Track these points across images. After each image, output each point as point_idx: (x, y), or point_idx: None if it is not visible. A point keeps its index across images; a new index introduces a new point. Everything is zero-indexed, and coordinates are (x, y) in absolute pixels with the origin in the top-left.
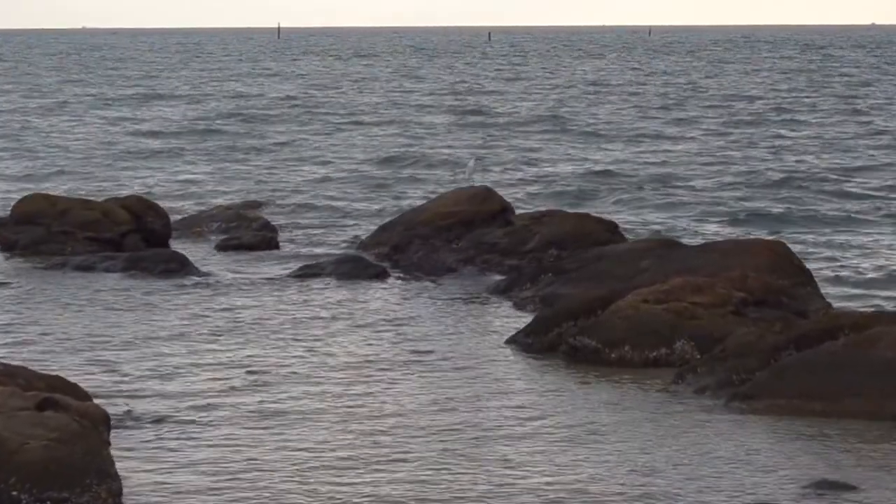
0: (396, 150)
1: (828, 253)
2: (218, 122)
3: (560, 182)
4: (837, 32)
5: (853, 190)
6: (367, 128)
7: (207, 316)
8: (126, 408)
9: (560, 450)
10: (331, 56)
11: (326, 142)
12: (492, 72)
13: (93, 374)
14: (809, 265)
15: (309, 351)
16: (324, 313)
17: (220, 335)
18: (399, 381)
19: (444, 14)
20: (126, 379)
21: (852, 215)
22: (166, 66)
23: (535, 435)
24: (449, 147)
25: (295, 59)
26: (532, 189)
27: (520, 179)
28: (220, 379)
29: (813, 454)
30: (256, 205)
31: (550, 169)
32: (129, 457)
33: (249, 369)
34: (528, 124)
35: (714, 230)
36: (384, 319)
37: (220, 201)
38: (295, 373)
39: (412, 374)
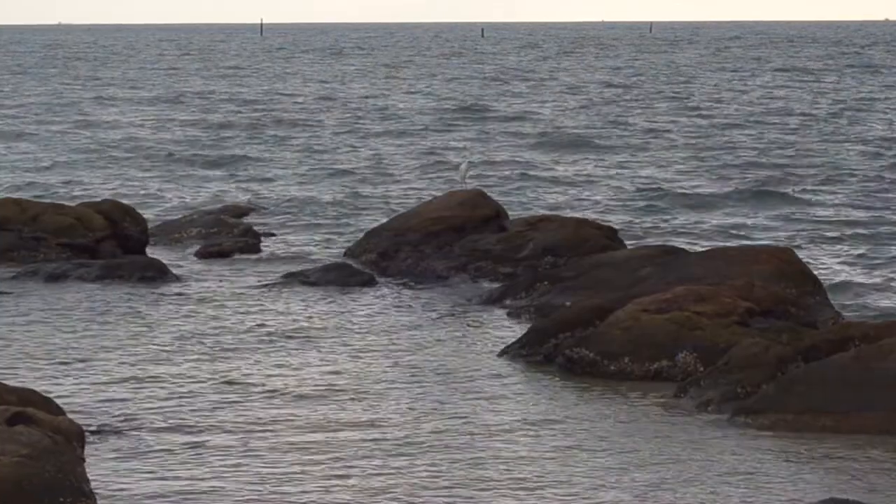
0: (391, 152)
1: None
2: (201, 125)
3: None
4: (853, 28)
5: None
6: (364, 129)
7: (186, 326)
8: (100, 422)
9: (557, 466)
10: (328, 54)
11: (311, 143)
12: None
13: (67, 387)
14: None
15: (292, 362)
16: (308, 323)
17: (199, 345)
18: (388, 394)
19: (434, 10)
20: (101, 392)
21: None
22: (150, 65)
23: (530, 451)
24: (444, 149)
25: (284, 58)
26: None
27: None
28: (199, 391)
29: (821, 471)
30: (238, 209)
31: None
32: (104, 472)
33: (230, 381)
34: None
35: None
36: (371, 329)
37: (199, 206)
38: (277, 385)
39: (401, 388)
